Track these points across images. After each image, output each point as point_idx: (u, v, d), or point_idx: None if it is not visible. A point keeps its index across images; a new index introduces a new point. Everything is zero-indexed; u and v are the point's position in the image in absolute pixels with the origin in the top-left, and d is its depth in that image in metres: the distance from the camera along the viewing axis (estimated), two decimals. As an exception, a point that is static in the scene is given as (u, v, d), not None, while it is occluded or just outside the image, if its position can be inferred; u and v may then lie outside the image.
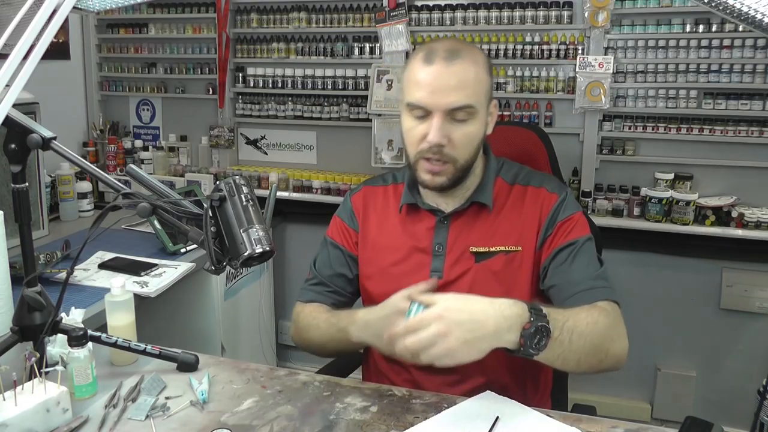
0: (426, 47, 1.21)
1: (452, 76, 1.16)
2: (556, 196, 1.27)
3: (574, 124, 2.41)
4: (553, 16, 2.35)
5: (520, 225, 1.26)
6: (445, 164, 1.20)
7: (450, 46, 1.19)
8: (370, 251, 1.35)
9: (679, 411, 2.34)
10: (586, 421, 1.04)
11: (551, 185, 1.30)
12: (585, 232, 1.26)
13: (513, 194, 1.29)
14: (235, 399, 1.11)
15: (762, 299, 2.31)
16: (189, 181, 2.70)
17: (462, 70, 1.16)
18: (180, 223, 1.03)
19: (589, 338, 1.08)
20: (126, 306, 1.26)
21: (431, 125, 1.17)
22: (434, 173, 1.21)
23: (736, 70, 2.20)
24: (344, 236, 1.39)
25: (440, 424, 1.02)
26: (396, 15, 2.46)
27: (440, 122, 1.16)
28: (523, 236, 1.25)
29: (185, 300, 2.19)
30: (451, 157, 1.19)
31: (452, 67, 1.16)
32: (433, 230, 1.29)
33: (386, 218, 1.35)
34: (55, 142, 1.05)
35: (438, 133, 1.16)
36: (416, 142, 1.20)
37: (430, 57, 1.17)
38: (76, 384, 1.09)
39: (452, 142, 1.18)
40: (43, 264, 1.79)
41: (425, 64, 1.18)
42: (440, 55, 1.17)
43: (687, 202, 2.22)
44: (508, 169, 1.33)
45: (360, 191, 1.41)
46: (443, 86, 1.16)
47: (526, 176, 1.32)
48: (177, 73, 2.88)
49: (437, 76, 1.16)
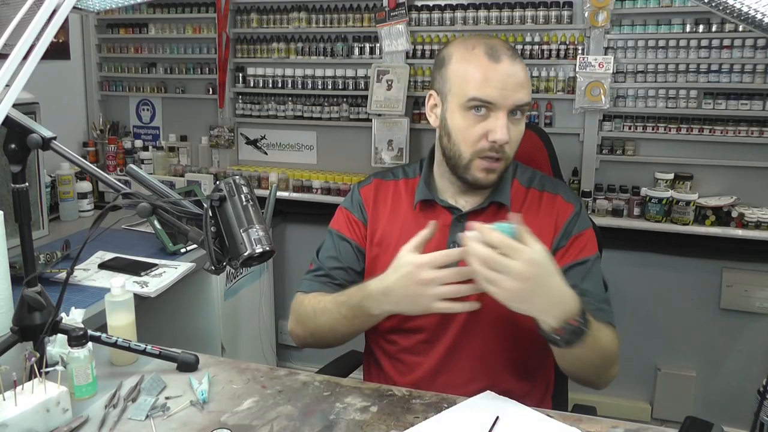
0: (481, 42, 1.19)
1: (518, 73, 1.17)
2: (572, 207, 1.28)
3: (574, 124, 2.41)
4: (553, 16, 2.35)
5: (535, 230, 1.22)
6: (500, 161, 1.21)
7: (506, 44, 1.20)
8: (379, 246, 1.32)
9: (679, 411, 2.34)
10: (586, 421, 1.05)
11: (566, 194, 1.30)
12: (595, 249, 1.27)
13: (529, 198, 1.29)
14: (235, 399, 1.11)
15: (762, 299, 2.31)
16: (189, 181, 2.70)
17: (523, 69, 1.19)
18: (180, 223, 1.03)
19: (603, 352, 1.13)
20: (126, 306, 1.26)
21: (495, 123, 1.17)
22: (489, 170, 1.21)
23: (736, 70, 2.20)
24: (352, 228, 1.35)
25: (440, 424, 1.02)
26: (396, 15, 2.46)
27: (506, 120, 1.17)
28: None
29: (185, 300, 2.19)
30: (507, 155, 1.21)
31: (517, 65, 1.18)
32: (449, 228, 1.27)
33: (398, 213, 1.33)
34: (55, 142, 1.05)
35: (506, 131, 1.16)
36: (474, 140, 1.19)
37: (495, 53, 1.17)
38: (76, 384, 1.09)
39: (510, 140, 1.19)
40: (43, 264, 1.79)
41: (492, 61, 1.16)
42: (504, 52, 1.17)
43: (687, 202, 2.22)
44: (523, 172, 1.33)
45: (371, 184, 1.38)
46: (513, 84, 1.16)
47: (541, 181, 1.32)
48: (177, 73, 2.88)
49: (507, 72, 1.16)
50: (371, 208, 1.35)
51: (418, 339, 1.28)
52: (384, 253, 1.31)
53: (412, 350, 1.29)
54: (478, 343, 1.25)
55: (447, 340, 1.26)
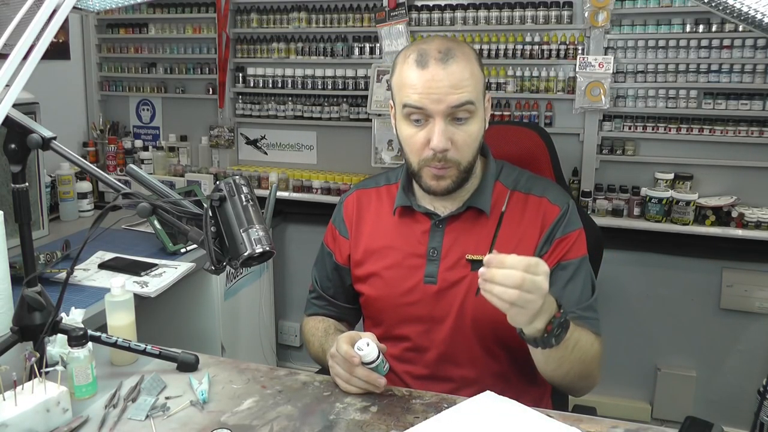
0: (415, 49, 1.17)
1: (449, 76, 1.13)
2: (558, 209, 1.24)
3: (574, 124, 2.41)
4: (553, 16, 2.35)
5: (518, 235, 1.23)
6: (449, 167, 1.17)
7: (440, 46, 1.15)
8: (363, 254, 1.32)
9: (679, 411, 2.34)
10: (586, 421, 1.04)
11: (553, 195, 1.26)
12: (581, 252, 1.24)
13: (512, 202, 1.24)
14: (235, 399, 1.11)
15: (762, 299, 2.30)
16: (189, 181, 2.70)
17: (458, 69, 1.14)
18: (180, 223, 1.03)
19: (584, 355, 1.13)
20: (126, 306, 1.26)
21: (432, 130, 1.14)
22: (439, 177, 1.18)
23: (736, 70, 2.20)
24: (336, 245, 1.38)
25: (440, 423, 1.02)
26: (396, 15, 2.46)
27: (442, 125, 1.13)
28: (521, 246, 1.21)
29: (185, 300, 2.19)
30: (455, 160, 1.17)
31: (448, 67, 1.13)
32: (428, 234, 1.26)
33: (380, 220, 1.33)
34: (55, 142, 1.05)
35: (442, 138, 1.13)
36: (419, 149, 1.17)
37: (423, 59, 1.14)
38: (76, 384, 1.09)
39: (455, 145, 1.15)
40: (43, 264, 1.79)
41: (419, 68, 1.14)
42: (433, 56, 1.14)
43: (687, 202, 2.22)
44: (508, 174, 1.29)
45: (352, 194, 1.39)
46: (441, 87, 1.13)
47: (527, 183, 1.28)
48: (177, 73, 2.88)
49: (433, 78, 1.13)
50: (354, 220, 1.35)
51: (404, 347, 1.29)
52: (369, 260, 1.32)
53: (401, 358, 1.30)
54: (466, 350, 1.24)
55: (434, 350, 1.26)
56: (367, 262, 1.32)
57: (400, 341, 1.29)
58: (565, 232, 1.22)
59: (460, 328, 1.23)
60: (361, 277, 1.33)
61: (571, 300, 1.19)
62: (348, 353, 1.08)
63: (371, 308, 1.35)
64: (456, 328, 1.23)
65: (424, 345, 1.27)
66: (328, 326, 1.35)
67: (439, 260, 1.24)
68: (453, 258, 1.24)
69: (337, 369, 1.12)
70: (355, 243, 1.34)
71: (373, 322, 1.36)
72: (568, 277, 1.21)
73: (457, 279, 1.23)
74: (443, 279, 1.24)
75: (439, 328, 1.25)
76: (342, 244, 1.36)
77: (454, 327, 1.23)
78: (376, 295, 1.31)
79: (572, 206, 1.26)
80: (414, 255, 1.26)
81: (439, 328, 1.25)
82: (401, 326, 1.28)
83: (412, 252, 1.27)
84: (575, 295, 1.20)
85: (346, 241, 1.36)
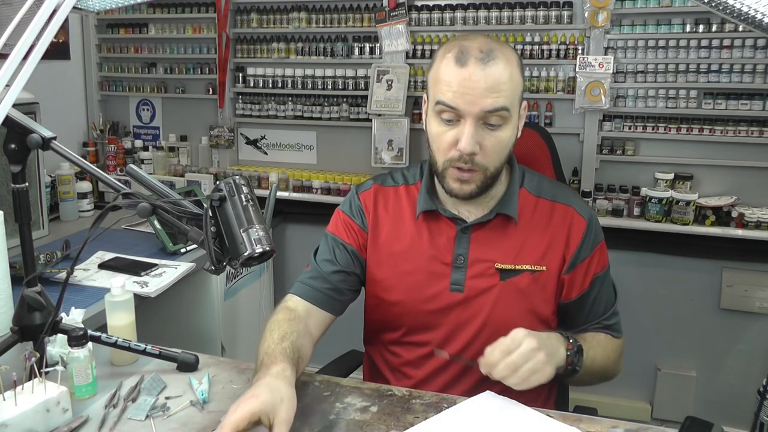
0: (457, 45, 1.13)
1: (487, 78, 1.09)
2: (584, 221, 1.23)
3: (574, 124, 2.41)
4: (553, 16, 2.35)
5: (546, 243, 1.21)
6: (475, 172, 1.14)
7: (483, 46, 1.11)
8: (382, 255, 1.27)
9: (679, 411, 2.34)
10: (587, 421, 1.04)
11: (578, 205, 1.26)
12: (606, 262, 1.27)
13: (539, 209, 1.24)
14: (235, 399, 1.10)
15: (762, 299, 2.31)
16: (189, 181, 2.70)
17: (497, 72, 1.09)
18: (180, 223, 1.03)
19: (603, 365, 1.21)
20: (126, 306, 1.26)
21: (462, 131, 1.10)
22: (463, 181, 1.15)
23: (736, 70, 2.20)
24: (351, 234, 1.29)
25: (440, 423, 1.02)
26: (396, 15, 2.46)
27: (473, 128, 1.10)
28: (548, 255, 1.21)
29: (185, 300, 2.19)
30: (482, 166, 1.13)
31: (487, 69, 1.09)
32: (454, 240, 1.22)
33: (401, 222, 1.27)
34: (55, 142, 1.05)
35: (470, 141, 1.10)
36: (446, 149, 1.14)
37: (463, 57, 1.10)
38: (76, 384, 1.09)
39: (484, 150, 1.12)
40: (43, 264, 1.79)
41: (458, 65, 1.10)
42: (474, 55, 1.09)
43: (687, 202, 2.22)
44: (530, 179, 1.27)
45: (370, 189, 1.32)
46: (477, 89, 1.08)
47: (550, 189, 1.27)
48: (177, 73, 2.88)
49: (471, 78, 1.08)
50: (371, 214, 1.29)
51: (420, 353, 1.26)
52: (390, 263, 1.26)
53: (414, 364, 1.27)
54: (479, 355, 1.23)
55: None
56: (384, 264, 1.27)
57: (418, 347, 1.27)
58: (595, 245, 1.24)
59: (480, 336, 1.21)
60: (377, 280, 1.28)
61: (598, 312, 1.26)
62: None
63: (388, 313, 1.28)
64: (477, 335, 1.22)
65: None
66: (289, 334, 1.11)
67: (466, 267, 1.21)
68: (480, 266, 1.21)
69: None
70: (374, 241, 1.28)
71: (388, 327, 1.29)
72: (597, 291, 1.24)
73: (485, 287, 1.21)
74: (470, 287, 1.21)
75: (460, 336, 1.23)
76: (360, 235, 1.29)
77: (476, 335, 1.22)
78: (395, 299, 1.26)
79: (594, 216, 1.27)
80: (439, 261, 1.23)
81: (460, 336, 1.23)
82: (421, 332, 1.25)
83: (436, 258, 1.23)
84: (602, 306, 1.26)
85: (364, 234, 1.28)
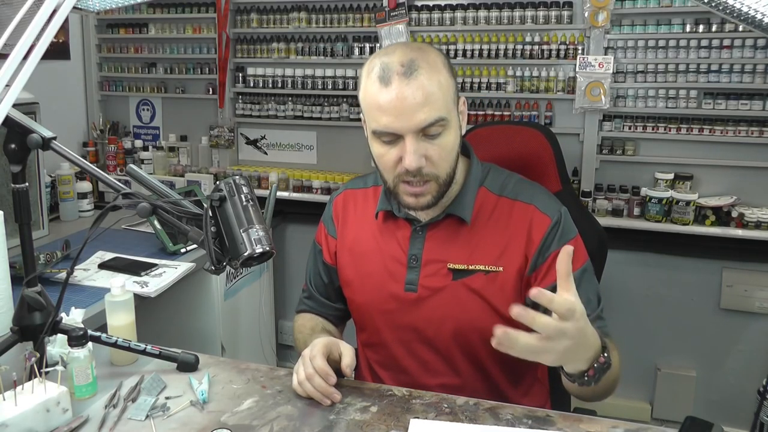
0: (378, 63, 1.09)
1: (415, 93, 1.05)
2: (548, 219, 1.17)
3: (574, 124, 2.41)
4: (553, 16, 2.35)
5: (503, 243, 1.18)
6: (427, 183, 1.11)
7: (403, 58, 1.07)
8: (348, 256, 1.30)
9: (679, 411, 2.34)
10: (587, 421, 1.04)
11: (542, 203, 1.19)
12: (583, 259, 1.18)
13: (498, 208, 1.20)
14: (235, 399, 1.11)
15: (762, 299, 2.30)
16: (189, 181, 2.70)
17: (423, 83, 1.05)
18: (180, 223, 1.03)
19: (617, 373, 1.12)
20: (126, 306, 1.26)
21: (404, 149, 1.07)
22: (417, 195, 1.12)
23: (736, 70, 2.20)
24: (325, 243, 1.35)
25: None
26: (396, 15, 2.46)
27: (414, 144, 1.07)
28: (506, 256, 1.17)
29: (185, 300, 2.19)
30: (433, 175, 1.11)
31: (412, 82, 1.05)
32: (409, 240, 1.22)
33: (364, 223, 1.29)
34: (55, 142, 1.05)
35: (414, 157, 1.07)
36: (392, 167, 1.11)
37: (386, 76, 1.06)
38: (76, 384, 1.09)
39: (430, 160, 1.09)
40: (43, 264, 1.79)
41: (382, 85, 1.06)
42: (396, 71, 1.06)
43: (687, 202, 2.22)
44: (495, 178, 1.23)
45: (341, 194, 1.36)
46: (407, 107, 1.05)
47: (515, 188, 1.22)
48: (177, 73, 2.88)
49: (398, 96, 1.05)
50: (340, 219, 1.33)
51: (386, 354, 1.29)
52: (354, 263, 1.29)
53: (383, 364, 1.30)
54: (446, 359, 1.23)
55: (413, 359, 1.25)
56: (350, 265, 1.30)
57: (381, 348, 1.28)
58: (562, 242, 1.14)
59: (439, 337, 1.21)
60: (346, 281, 1.32)
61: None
62: (323, 370, 1.08)
63: (356, 313, 1.33)
64: (435, 337, 1.22)
65: (403, 353, 1.25)
66: (315, 324, 1.34)
67: (420, 267, 1.21)
68: (433, 266, 1.20)
69: (300, 372, 1.11)
70: (341, 244, 1.32)
71: (358, 327, 1.35)
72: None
73: (437, 288, 1.20)
74: (423, 287, 1.20)
75: (419, 337, 1.23)
76: (330, 243, 1.34)
77: (434, 336, 1.22)
78: (360, 300, 1.29)
79: (565, 213, 1.20)
80: (395, 261, 1.23)
81: (419, 337, 1.23)
82: (382, 333, 1.27)
83: (393, 258, 1.24)
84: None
85: (334, 241, 1.33)
